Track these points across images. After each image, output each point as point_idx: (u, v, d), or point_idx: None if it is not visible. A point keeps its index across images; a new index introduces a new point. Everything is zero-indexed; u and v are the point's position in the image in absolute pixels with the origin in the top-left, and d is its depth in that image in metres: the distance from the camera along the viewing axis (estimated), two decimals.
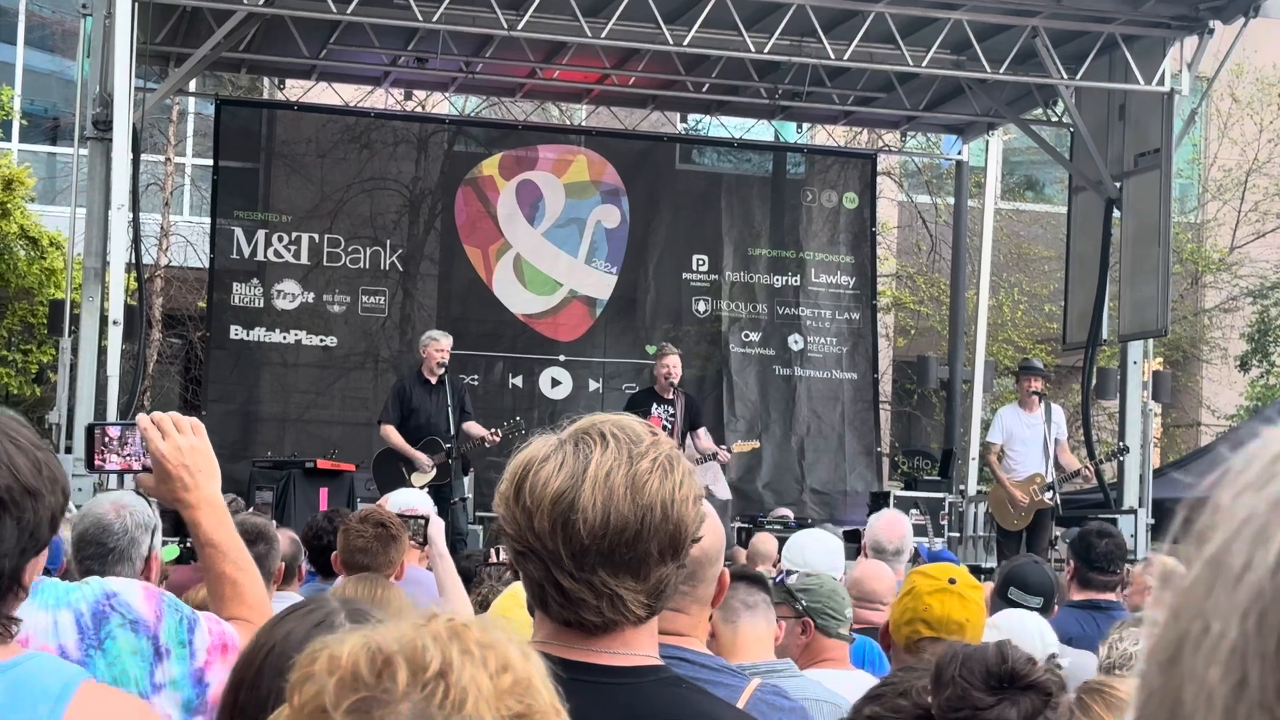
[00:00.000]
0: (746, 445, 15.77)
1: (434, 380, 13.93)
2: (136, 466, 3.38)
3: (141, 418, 3.30)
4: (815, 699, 4.06)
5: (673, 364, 14.49)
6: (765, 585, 5.07)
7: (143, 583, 3.56)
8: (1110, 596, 7.23)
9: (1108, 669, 4.00)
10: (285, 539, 7.02)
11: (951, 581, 4.39)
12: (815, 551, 6.32)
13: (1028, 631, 5.32)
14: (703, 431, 14.91)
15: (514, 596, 4.47)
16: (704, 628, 3.04)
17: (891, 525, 7.91)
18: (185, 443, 3.27)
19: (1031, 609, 6.06)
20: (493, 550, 9.64)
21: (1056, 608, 7.06)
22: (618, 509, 2.25)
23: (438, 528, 6.79)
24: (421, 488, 12.78)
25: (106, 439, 3.38)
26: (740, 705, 2.90)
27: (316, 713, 1.37)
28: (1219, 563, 0.83)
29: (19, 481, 2.50)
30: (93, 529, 4.50)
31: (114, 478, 8.50)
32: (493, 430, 13.94)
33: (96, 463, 3.39)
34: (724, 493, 15.29)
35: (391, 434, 13.90)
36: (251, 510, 12.95)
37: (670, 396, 14.48)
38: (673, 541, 2.29)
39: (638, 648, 2.33)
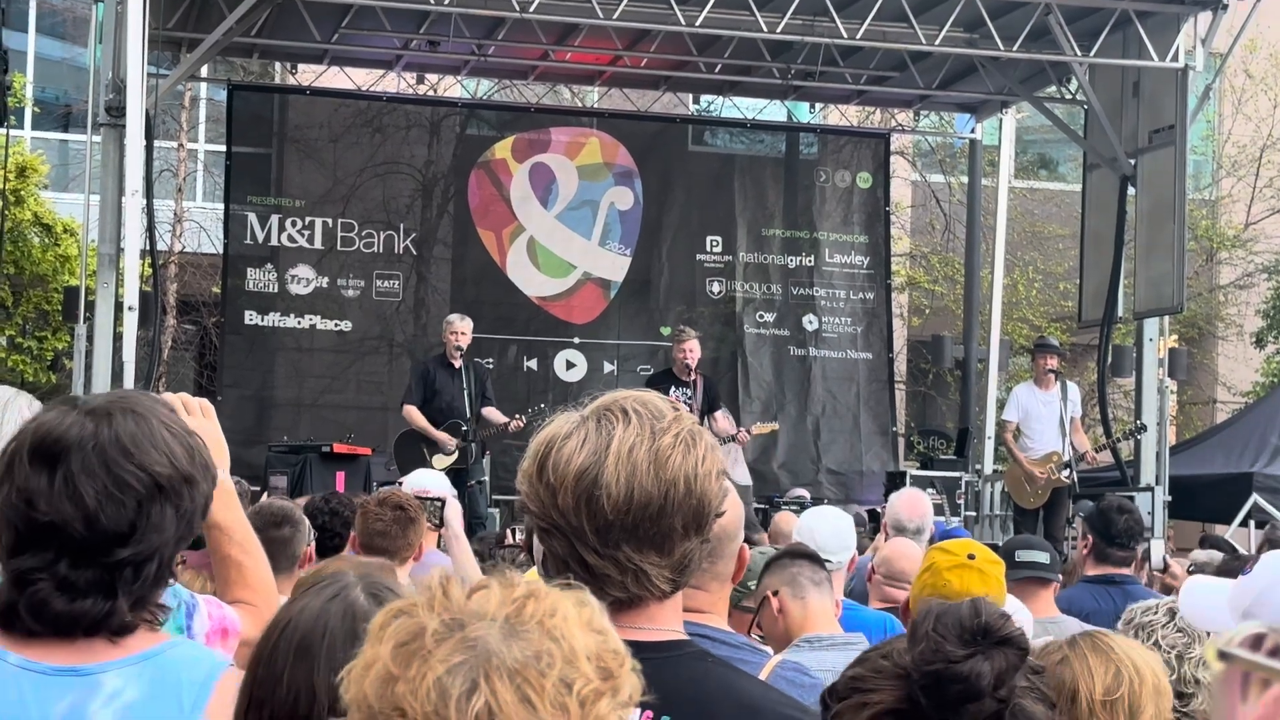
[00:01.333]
0: (765, 427, 15.75)
1: (456, 364, 13.97)
2: None
3: None
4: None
5: (691, 348, 14.49)
6: (823, 563, 5.17)
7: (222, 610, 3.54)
8: (1126, 571, 7.21)
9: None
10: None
11: (971, 557, 4.39)
12: (825, 531, 6.32)
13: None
14: (720, 414, 14.91)
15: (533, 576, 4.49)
16: (724, 604, 3.04)
17: (912, 504, 7.92)
18: (194, 424, 3.27)
19: (1040, 563, 6.09)
20: (509, 531, 9.65)
21: (1060, 580, 7.06)
22: (641, 484, 2.25)
23: (454, 510, 6.79)
24: (442, 470, 12.81)
25: None
26: None
27: (410, 638, 1.41)
28: None
29: (178, 469, 2.51)
30: None
31: None
32: (516, 416, 13.95)
33: None
34: (744, 477, 15.30)
35: (415, 415, 13.94)
36: (267, 495, 12.98)
37: (688, 379, 14.48)
38: (696, 516, 2.29)
39: (663, 623, 2.33)
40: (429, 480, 7.67)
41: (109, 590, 2.43)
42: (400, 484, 7.49)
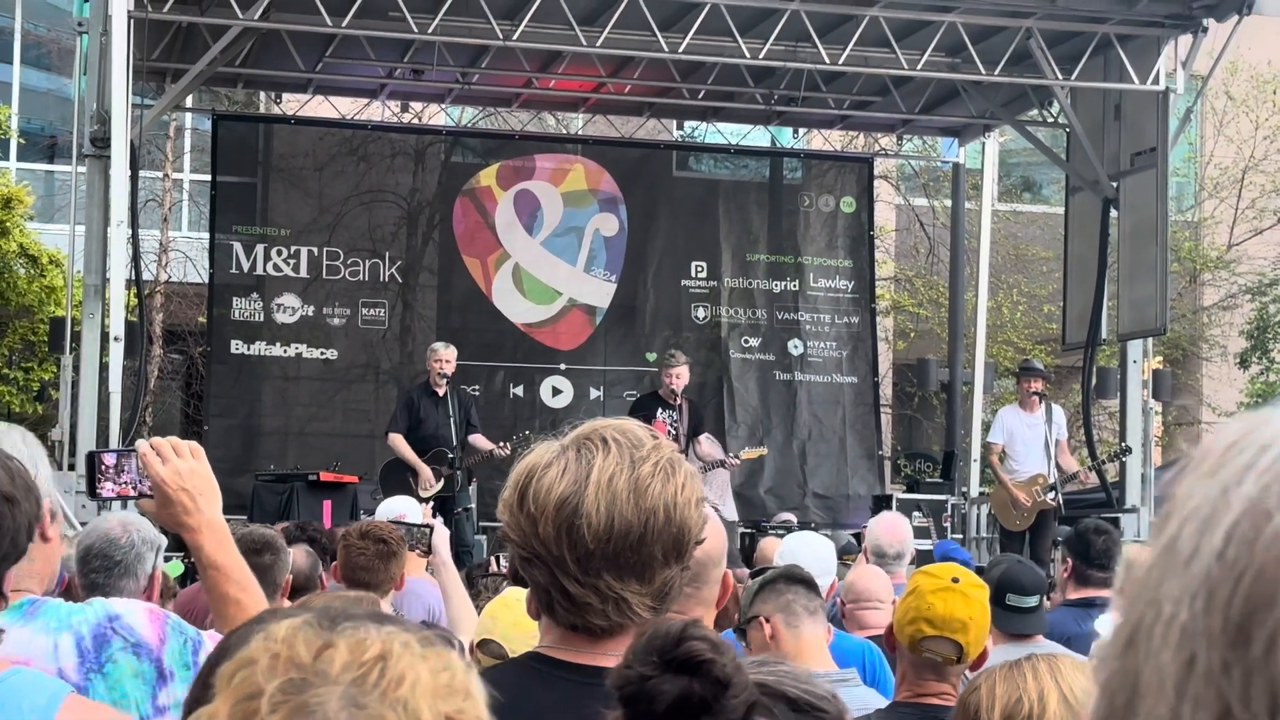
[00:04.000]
0: (754, 452, 15.80)
1: (441, 392, 13.99)
2: (132, 493, 3.40)
3: (141, 444, 3.31)
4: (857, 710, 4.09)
5: (680, 373, 14.56)
6: (818, 589, 5.14)
7: (147, 604, 3.55)
8: (1107, 594, 7.22)
9: None
10: (301, 552, 7.03)
11: (955, 580, 4.41)
12: (806, 556, 6.35)
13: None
14: (704, 438, 14.95)
15: (502, 600, 4.50)
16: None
17: (892, 529, 7.91)
18: (185, 467, 3.28)
19: (1031, 609, 6.09)
20: (493, 560, 9.65)
21: (1048, 602, 7.08)
22: (621, 513, 2.27)
23: (442, 537, 6.80)
24: (427, 500, 12.83)
25: (103, 466, 3.39)
26: None
27: (247, 699, 1.34)
28: (1171, 549, 0.87)
29: None
30: (99, 543, 4.54)
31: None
32: (501, 444, 13.97)
33: (98, 490, 3.41)
34: (731, 513, 15.32)
35: (399, 443, 13.95)
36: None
37: (675, 402, 14.53)
38: (676, 544, 2.31)
39: None
40: (399, 506, 7.66)
41: None
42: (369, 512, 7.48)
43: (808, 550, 6.39)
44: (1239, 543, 0.83)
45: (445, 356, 14.07)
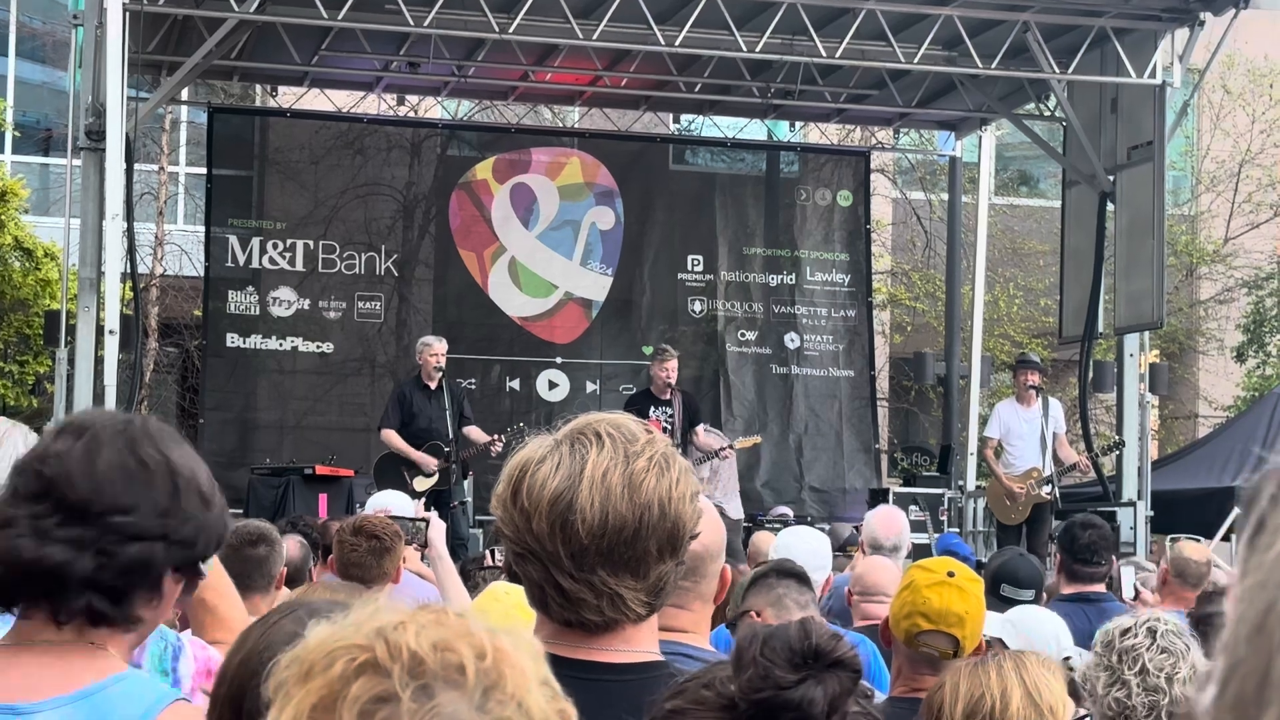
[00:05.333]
0: (749, 441, 15.80)
1: (433, 385, 13.95)
2: None
3: None
4: None
5: (671, 368, 14.56)
6: (810, 583, 5.12)
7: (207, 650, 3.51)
8: (1098, 588, 7.21)
9: (1109, 666, 3.96)
10: (294, 544, 7.02)
11: (950, 574, 4.39)
12: (801, 549, 6.33)
13: (1045, 633, 5.34)
14: (701, 429, 14.95)
15: (490, 594, 4.49)
16: (707, 624, 3.05)
17: (889, 521, 7.92)
18: None
19: (1025, 602, 6.07)
20: (489, 553, 9.64)
21: (1045, 597, 7.06)
22: (615, 508, 2.26)
23: (438, 530, 6.79)
24: (422, 494, 12.81)
25: None
26: None
27: (376, 700, 1.30)
28: None
29: (197, 477, 2.52)
30: None
31: None
32: (495, 436, 13.95)
33: None
34: (737, 511, 15.32)
35: (393, 438, 13.92)
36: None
37: (667, 397, 14.51)
38: (671, 539, 2.30)
39: (639, 645, 2.34)
40: (389, 499, 7.64)
41: (80, 545, 2.39)
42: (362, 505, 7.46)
43: (802, 545, 6.38)
44: None
45: (441, 350, 14.04)
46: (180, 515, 2.46)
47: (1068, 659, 5.11)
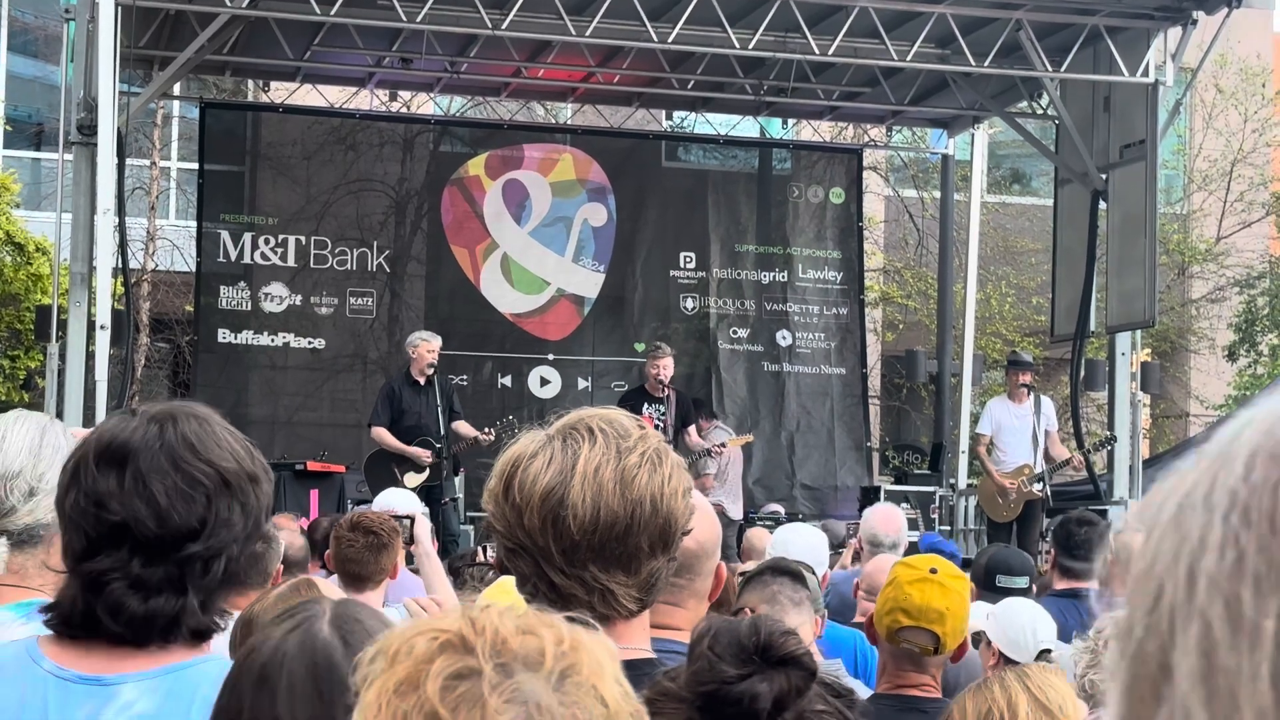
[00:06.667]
0: (741, 439, 15.80)
1: (423, 381, 13.92)
2: None
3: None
4: None
5: (665, 365, 14.55)
6: (806, 581, 5.12)
7: None
8: (1092, 584, 7.21)
9: (1093, 649, 3.96)
10: (294, 538, 7.00)
11: (933, 571, 4.40)
12: (799, 546, 6.33)
13: (1022, 623, 5.35)
14: (693, 429, 14.94)
15: (500, 587, 4.47)
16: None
17: (888, 519, 7.93)
18: None
19: (1020, 589, 6.07)
20: (479, 549, 9.64)
21: (1034, 588, 7.06)
22: (607, 504, 2.25)
23: (424, 527, 6.78)
24: (414, 489, 12.78)
25: None
26: None
27: (456, 677, 1.33)
28: (1180, 509, 0.87)
29: (242, 466, 2.55)
30: None
31: None
32: (485, 430, 13.93)
33: None
34: (737, 512, 15.32)
35: (384, 435, 13.88)
36: None
37: (661, 395, 14.50)
38: (663, 535, 2.29)
39: (630, 641, 2.33)
40: (395, 499, 7.65)
41: (180, 587, 2.45)
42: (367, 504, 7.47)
43: (800, 541, 6.38)
44: (1266, 461, 0.83)
45: (435, 346, 14.00)
46: (242, 511, 2.51)
47: (1047, 651, 5.11)
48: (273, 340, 17.39)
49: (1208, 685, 0.81)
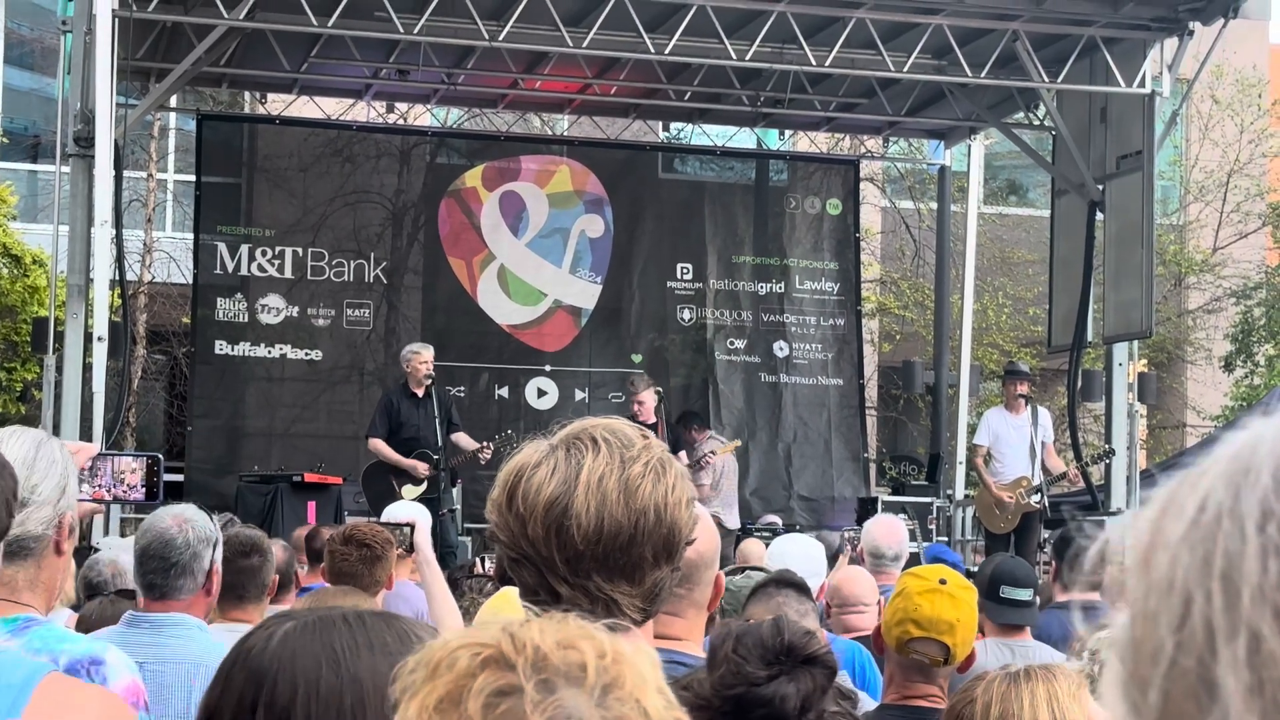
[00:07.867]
0: (728, 446, 15.80)
1: (420, 393, 13.89)
2: (106, 496, 3.39)
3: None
4: None
5: (644, 398, 14.56)
6: (809, 592, 5.12)
7: (135, 685, 3.41)
8: (1094, 596, 7.20)
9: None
10: (277, 548, 6.98)
11: (942, 582, 4.39)
12: (796, 556, 6.34)
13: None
14: (682, 454, 14.89)
15: (504, 597, 4.47)
16: (701, 631, 3.03)
17: (890, 530, 7.90)
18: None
19: (1025, 601, 6.07)
20: (478, 561, 9.62)
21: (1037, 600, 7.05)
22: (611, 514, 2.24)
23: (424, 535, 6.77)
24: (413, 500, 12.77)
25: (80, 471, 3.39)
26: None
27: (498, 693, 1.32)
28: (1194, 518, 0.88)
29: None
30: (155, 544, 4.53)
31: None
32: (484, 444, 13.91)
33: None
34: (733, 521, 15.30)
35: (381, 447, 13.85)
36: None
37: (651, 422, 14.40)
38: (667, 545, 2.29)
39: None
40: (403, 512, 7.63)
41: None
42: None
43: (798, 551, 6.38)
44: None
45: (429, 358, 13.98)
46: None
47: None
48: (269, 352, 17.38)
49: (1263, 697, 0.80)
